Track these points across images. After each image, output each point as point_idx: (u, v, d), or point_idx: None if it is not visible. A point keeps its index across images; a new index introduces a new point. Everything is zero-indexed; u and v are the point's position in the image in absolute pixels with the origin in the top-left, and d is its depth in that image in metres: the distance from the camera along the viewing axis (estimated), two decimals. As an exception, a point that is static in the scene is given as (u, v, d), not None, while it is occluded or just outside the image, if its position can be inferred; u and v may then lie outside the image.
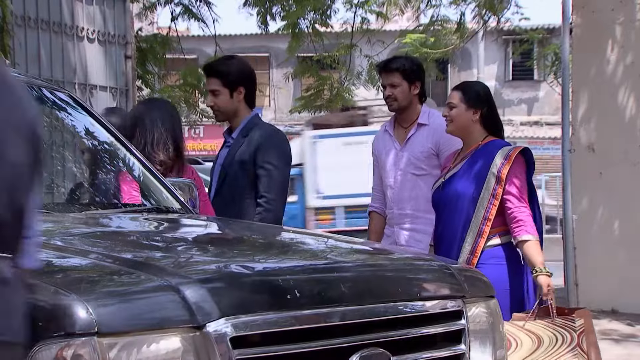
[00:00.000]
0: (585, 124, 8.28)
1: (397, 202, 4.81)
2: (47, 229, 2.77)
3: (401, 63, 4.80)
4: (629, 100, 8.10)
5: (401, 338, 2.42)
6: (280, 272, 2.42)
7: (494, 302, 2.79)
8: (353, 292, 2.37)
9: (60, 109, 3.47)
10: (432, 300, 2.58)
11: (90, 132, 3.51)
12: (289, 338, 2.21)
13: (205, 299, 2.10)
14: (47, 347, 1.95)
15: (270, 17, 11.70)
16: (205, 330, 2.08)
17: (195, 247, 2.82)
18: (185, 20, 11.40)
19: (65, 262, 2.32)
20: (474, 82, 5.42)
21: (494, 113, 4.50)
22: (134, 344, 2.01)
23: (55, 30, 7.48)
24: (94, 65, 7.87)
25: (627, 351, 6.91)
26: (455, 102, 4.41)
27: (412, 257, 2.92)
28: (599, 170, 8.24)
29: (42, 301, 1.99)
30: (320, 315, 2.27)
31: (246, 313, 2.14)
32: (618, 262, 8.15)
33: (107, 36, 8.02)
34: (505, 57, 26.33)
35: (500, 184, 4.25)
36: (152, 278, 2.15)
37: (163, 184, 3.47)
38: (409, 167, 4.77)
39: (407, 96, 4.77)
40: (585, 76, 8.24)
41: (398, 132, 4.88)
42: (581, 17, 8.18)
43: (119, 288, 2.13)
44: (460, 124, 4.41)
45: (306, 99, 12.35)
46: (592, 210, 8.34)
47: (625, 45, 8.09)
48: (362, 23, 11.77)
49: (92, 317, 1.95)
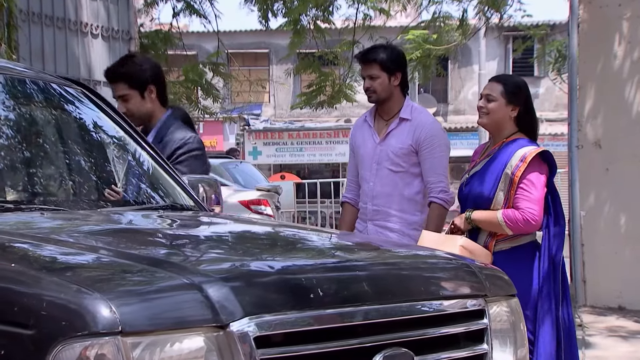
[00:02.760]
0: (591, 120, 8.23)
1: (372, 197, 4.64)
2: (62, 225, 2.75)
3: (380, 54, 4.60)
4: (635, 95, 8.05)
5: (424, 338, 2.38)
6: (302, 270, 2.38)
7: (515, 300, 2.75)
8: (376, 290, 2.34)
9: (76, 105, 3.42)
10: (454, 299, 2.54)
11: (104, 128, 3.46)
12: (311, 338, 2.17)
13: (228, 298, 2.06)
14: (70, 347, 1.91)
15: (271, 14, 11.66)
16: (229, 330, 2.04)
17: (215, 245, 2.78)
18: (187, 16, 11.36)
19: (85, 260, 2.27)
20: (513, 75, 5.25)
21: (531, 111, 4.33)
22: (157, 344, 1.97)
23: (59, 25, 7.45)
24: (97, 61, 7.83)
25: (634, 348, 6.88)
26: (496, 95, 4.22)
27: (434, 255, 2.86)
28: (606, 166, 8.20)
29: (65, 300, 1.95)
30: (343, 314, 2.23)
31: (270, 312, 2.10)
32: (624, 259, 8.12)
33: (110, 32, 7.98)
34: (505, 54, 26.32)
35: (513, 186, 4.13)
36: (175, 276, 2.10)
37: (177, 180, 3.41)
38: (386, 162, 4.59)
39: (386, 88, 4.59)
40: (592, 72, 8.19)
41: (378, 124, 4.70)
42: (588, 13, 8.14)
43: (142, 286, 2.08)
44: (496, 118, 4.25)
45: (308, 95, 12.30)
46: (598, 206, 8.30)
47: (632, 40, 8.04)
48: (365, 19, 11.74)
49: (115, 316, 1.91)
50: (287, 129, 25.25)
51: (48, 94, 3.40)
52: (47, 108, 3.36)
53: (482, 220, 4.21)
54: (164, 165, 3.44)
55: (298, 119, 26.40)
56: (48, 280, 2.04)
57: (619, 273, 8.10)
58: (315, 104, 12.20)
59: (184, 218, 3.16)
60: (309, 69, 12.05)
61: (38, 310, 1.94)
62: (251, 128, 24.77)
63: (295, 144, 25.02)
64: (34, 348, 1.91)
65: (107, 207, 3.11)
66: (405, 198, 4.61)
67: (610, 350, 6.79)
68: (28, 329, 1.93)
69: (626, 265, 8.10)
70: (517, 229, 4.15)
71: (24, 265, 2.17)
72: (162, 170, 3.42)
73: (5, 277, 2.08)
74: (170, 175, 3.43)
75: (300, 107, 12.52)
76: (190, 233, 2.98)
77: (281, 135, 25.12)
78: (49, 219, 2.77)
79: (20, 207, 2.84)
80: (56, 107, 3.42)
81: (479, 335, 2.55)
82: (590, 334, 7.26)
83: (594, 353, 6.61)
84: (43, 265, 2.20)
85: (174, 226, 3.02)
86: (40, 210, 2.83)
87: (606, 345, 6.93)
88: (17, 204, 2.89)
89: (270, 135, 25.09)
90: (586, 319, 7.74)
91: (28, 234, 2.52)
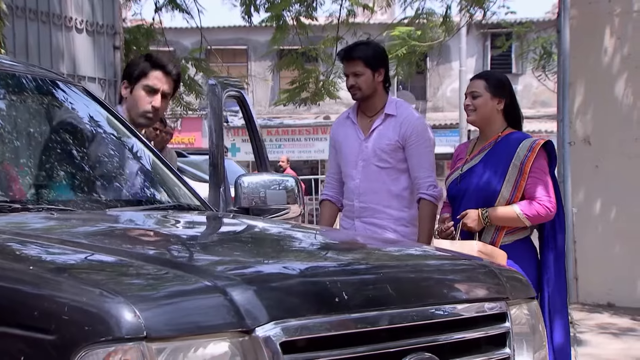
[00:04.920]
0: (581, 117, 8.23)
1: (359, 195, 4.60)
2: (74, 226, 2.67)
3: (363, 50, 4.58)
4: (625, 92, 8.06)
5: (448, 342, 2.33)
6: (326, 272, 2.32)
7: (535, 303, 2.72)
8: (400, 294, 2.28)
9: (75, 103, 3.35)
10: (478, 302, 2.49)
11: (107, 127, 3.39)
12: (335, 343, 2.10)
13: (253, 302, 1.99)
14: (93, 352, 1.83)
15: (254, 9, 11.56)
16: (254, 335, 1.97)
17: (233, 247, 2.69)
18: (169, 12, 11.22)
19: (105, 263, 2.19)
20: (494, 71, 5.34)
21: (515, 103, 4.40)
22: (181, 349, 1.90)
23: (44, 20, 7.30)
24: (82, 56, 7.70)
25: (627, 345, 6.89)
26: (480, 91, 4.29)
27: (457, 257, 2.81)
28: (595, 163, 8.20)
29: (87, 304, 1.87)
30: (369, 318, 2.17)
31: (295, 317, 2.04)
32: (614, 256, 8.13)
33: (95, 26, 7.84)
34: (483, 51, 26.37)
35: (524, 176, 4.17)
36: (199, 279, 2.03)
37: (181, 179, 3.35)
38: (373, 159, 4.56)
39: (371, 85, 4.56)
40: (582, 68, 8.19)
41: (362, 121, 4.66)
42: (577, 9, 8.12)
43: (165, 290, 2.00)
44: (484, 113, 4.30)
45: (291, 92, 12.21)
46: (588, 203, 8.30)
47: (622, 36, 8.05)
48: (348, 15, 11.66)
49: (140, 320, 1.84)
50: (266, 125, 25.20)
51: (48, 89, 3.33)
52: (53, 107, 3.30)
53: (500, 217, 4.20)
54: (166, 163, 3.38)
55: (277, 115, 26.32)
56: (69, 284, 1.96)
57: (608, 270, 8.11)
58: (299, 100, 12.12)
59: (195, 219, 3.09)
60: (292, 66, 11.96)
61: (59, 315, 1.86)
62: (230, 125, 24.68)
63: (274, 141, 24.99)
64: (56, 354, 1.84)
65: (112, 207, 3.03)
66: (393, 194, 4.58)
67: (602, 347, 6.79)
68: (49, 334, 1.85)
69: (615, 262, 8.11)
70: (537, 220, 4.20)
71: (42, 268, 2.09)
72: (165, 168, 3.36)
73: (24, 280, 2.00)
74: (173, 173, 3.37)
75: (283, 103, 12.44)
76: (205, 234, 2.92)
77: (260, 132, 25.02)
78: (59, 220, 2.69)
79: (27, 207, 2.76)
80: (61, 106, 3.36)
81: (501, 339, 2.50)
82: (581, 331, 7.26)
83: (586, 350, 6.59)
84: (63, 268, 2.11)
85: (188, 227, 2.96)
86: (49, 210, 2.75)
87: (597, 343, 6.93)
88: (24, 203, 2.80)
89: (249, 132, 24.97)
90: (576, 316, 7.73)
91: (42, 235, 2.44)
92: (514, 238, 4.26)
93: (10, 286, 1.99)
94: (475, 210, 4.22)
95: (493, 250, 4.13)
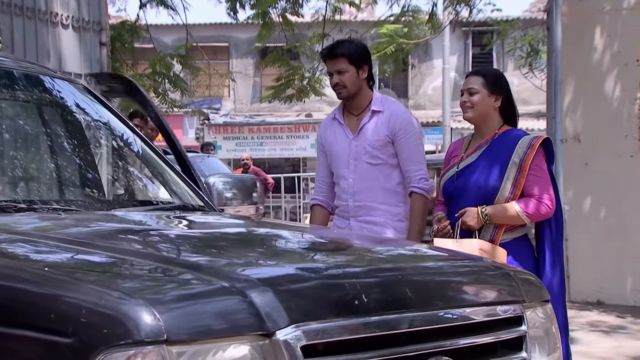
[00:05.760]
0: (571, 114, 8.22)
1: (353, 194, 4.55)
2: (85, 226, 2.61)
3: (346, 47, 4.53)
4: (615, 89, 8.05)
5: (468, 345, 2.31)
6: (345, 275, 2.28)
7: (549, 306, 2.71)
8: (419, 296, 2.26)
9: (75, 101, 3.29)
10: (495, 306, 2.47)
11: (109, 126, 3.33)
12: (355, 346, 2.07)
13: (273, 304, 1.95)
14: (112, 356, 1.79)
15: (239, 5, 11.49)
16: (275, 338, 1.93)
17: (248, 248, 2.65)
18: (154, 8, 11.15)
19: (121, 264, 2.13)
20: (490, 67, 5.31)
21: (511, 100, 4.37)
22: (201, 353, 1.86)
23: (29, 15, 7.19)
24: (68, 52, 7.59)
25: (617, 343, 6.89)
26: (477, 88, 4.24)
27: (473, 260, 2.81)
28: (585, 160, 8.19)
29: (106, 306, 1.82)
30: (389, 321, 2.14)
31: (316, 320, 2.00)
32: (603, 254, 8.13)
33: (81, 22, 7.73)
34: (465, 49, 26.41)
35: (523, 173, 4.13)
36: (217, 281, 1.98)
37: (183, 179, 3.30)
38: (365, 157, 4.53)
39: (355, 82, 4.51)
40: (572, 65, 8.17)
41: (349, 120, 4.62)
42: (568, 6, 8.11)
43: (185, 292, 1.95)
44: (481, 110, 4.26)
45: (276, 88, 12.15)
46: (577, 201, 8.29)
47: (612, 34, 8.04)
48: (334, 13, 11.61)
49: (160, 323, 1.80)
50: (248, 123, 25.09)
51: (49, 89, 3.27)
52: (58, 107, 3.25)
53: (500, 215, 4.15)
54: (169, 162, 3.33)
55: (258, 113, 26.22)
56: (86, 286, 1.91)
57: (598, 268, 8.11)
58: (284, 97, 12.07)
59: (204, 219, 3.05)
60: (278, 63, 11.89)
61: (77, 318, 1.82)
62: (211, 122, 24.56)
63: (256, 139, 24.87)
64: (73, 357, 1.80)
65: (118, 207, 2.98)
66: (387, 190, 4.54)
67: (593, 345, 6.79)
68: (66, 337, 1.81)
69: (604, 260, 8.12)
70: (537, 217, 4.18)
71: (57, 269, 2.03)
72: (168, 168, 3.32)
73: (39, 282, 1.95)
74: (176, 173, 3.33)
75: (269, 100, 12.38)
76: (219, 235, 2.86)
77: (241, 130, 24.95)
78: (69, 220, 2.63)
79: (32, 207, 2.70)
80: (65, 106, 3.31)
81: (517, 342, 2.48)
82: (572, 329, 7.21)
83: (578, 349, 6.58)
84: (79, 269, 2.07)
85: (200, 228, 2.92)
86: (55, 210, 2.70)
87: (589, 341, 6.93)
88: (29, 203, 2.74)
89: (230, 130, 24.90)
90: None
91: (52, 235, 2.38)
92: (513, 236, 4.22)
93: (25, 288, 1.94)
94: (474, 208, 4.18)
95: (493, 249, 4.09)
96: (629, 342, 6.92)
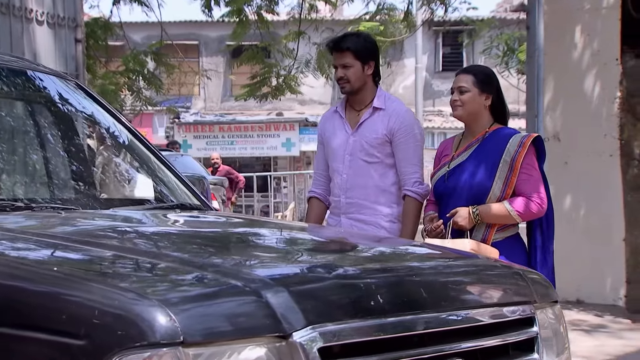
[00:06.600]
0: (551, 113, 8.22)
1: (345, 190, 4.47)
2: (87, 225, 2.54)
3: (353, 42, 4.42)
4: (594, 88, 8.06)
5: (481, 347, 2.28)
6: (359, 275, 2.24)
7: (559, 307, 2.71)
8: (433, 298, 2.23)
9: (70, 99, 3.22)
10: (508, 307, 2.45)
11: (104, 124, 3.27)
12: (371, 347, 2.03)
13: (289, 306, 1.91)
14: (127, 358, 1.74)
15: (214, 3, 11.40)
16: (291, 340, 1.88)
17: (259, 248, 2.60)
18: (128, 4, 11.03)
19: (132, 264, 2.06)
20: (480, 65, 5.25)
21: (501, 98, 4.33)
22: (217, 355, 1.81)
23: (3, 11, 7.06)
24: (43, 49, 7.46)
25: (599, 342, 6.89)
26: (468, 86, 4.19)
27: (485, 261, 2.79)
28: (565, 159, 8.18)
29: (119, 307, 1.77)
30: (405, 322, 2.10)
31: (332, 321, 1.96)
32: (582, 252, 8.13)
33: (56, 18, 7.60)
34: (435, 48, 26.46)
35: (514, 172, 4.09)
36: (233, 282, 1.93)
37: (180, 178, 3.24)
38: (360, 153, 4.45)
39: (360, 77, 4.41)
40: (552, 64, 8.17)
41: (350, 115, 4.54)
42: (548, 4, 8.10)
43: (200, 293, 1.90)
44: (471, 109, 4.21)
45: (251, 86, 12.07)
46: (557, 200, 8.23)
47: (592, 33, 8.05)
48: (310, 10, 11.57)
49: (176, 325, 1.75)
50: (218, 122, 24.97)
51: (41, 85, 3.20)
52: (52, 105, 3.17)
53: (492, 215, 4.11)
54: (165, 161, 3.27)
55: (229, 112, 26.08)
56: (98, 286, 1.84)
57: (577, 267, 8.10)
58: (260, 95, 12.00)
59: (208, 219, 3.00)
60: (253, 61, 11.82)
61: (90, 319, 1.76)
62: (181, 121, 24.41)
63: (226, 137, 24.76)
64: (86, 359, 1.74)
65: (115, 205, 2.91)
66: (380, 190, 4.46)
67: (575, 344, 6.72)
68: (79, 339, 1.75)
69: (583, 258, 8.12)
70: (529, 216, 4.15)
71: (67, 269, 1.96)
72: (164, 167, 3.27)
73: (50, 282, 1.88)
74: (172, 172, 3.27)
75: (244, 98, 12.30)
76: (227, 235, 2.80)
77: (212, 129, 24.82)
78: (69, 219, 2.55)
79: (30, 206, 2.62)
80: (60, 104, 3.23)
81: (529, 343, 2.47)
82: (553, 328, 7.25)
83: (561, 348, 6.58)
84: (89, 269, 1.99)
85: (206, 227, 2.85)
86: (52, 209, 2.62)
87: (571, 340, 6.86)
88: (26, 202, 2.67)
89: (201, 129, 24.77)
90: (547, 313, 7.73)
91: (57, 234, 2.30)
92: (505, 235, 4.19)
93: (34, 288, 1.88)
94: (465, 207, 4.13)
95: (485, 248, 4.06)
96: (610, 340, 6.93)
